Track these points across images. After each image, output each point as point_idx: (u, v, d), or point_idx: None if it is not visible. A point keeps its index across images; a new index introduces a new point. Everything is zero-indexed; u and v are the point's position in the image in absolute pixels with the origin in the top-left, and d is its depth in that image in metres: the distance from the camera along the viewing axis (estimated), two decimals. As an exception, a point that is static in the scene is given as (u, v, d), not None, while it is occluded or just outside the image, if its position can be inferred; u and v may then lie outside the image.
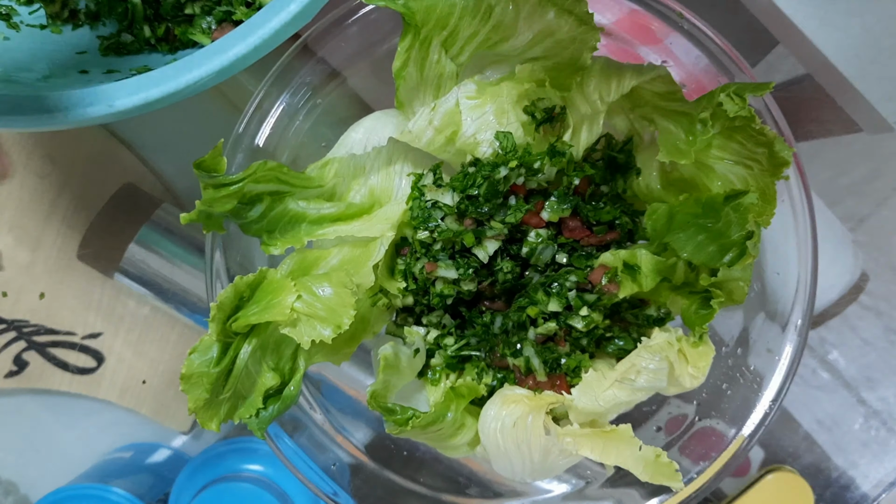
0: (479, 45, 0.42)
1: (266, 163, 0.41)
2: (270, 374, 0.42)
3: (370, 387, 0.43)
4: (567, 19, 0.41)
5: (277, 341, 0.42)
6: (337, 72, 0.50)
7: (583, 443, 0.41)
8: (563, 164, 0.45)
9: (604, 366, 0.46)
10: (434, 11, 0.39)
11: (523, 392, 0.44)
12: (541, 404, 0.43)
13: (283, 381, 0.42)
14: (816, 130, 0.59)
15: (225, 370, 0.40)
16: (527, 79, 0.43)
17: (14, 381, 0.67)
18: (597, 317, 0.44)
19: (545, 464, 0.44)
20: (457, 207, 0.44)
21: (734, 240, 0.40)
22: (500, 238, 0.45)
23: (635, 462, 0.41)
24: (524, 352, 0.45)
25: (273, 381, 0.42)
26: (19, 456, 0.70)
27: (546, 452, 0.43)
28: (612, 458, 0.42)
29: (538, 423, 0.42)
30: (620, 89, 0.43)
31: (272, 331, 0.42)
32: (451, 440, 0.46)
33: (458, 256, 0.45)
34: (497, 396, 0.45)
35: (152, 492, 0.64)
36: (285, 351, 0.43)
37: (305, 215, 0.44)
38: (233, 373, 0.40)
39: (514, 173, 0.44)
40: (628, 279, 0.44)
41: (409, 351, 0.47)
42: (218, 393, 0.40)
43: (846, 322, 0.64)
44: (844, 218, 0.63)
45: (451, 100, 0.43)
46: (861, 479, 0.65)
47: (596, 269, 0.45)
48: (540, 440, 0.42)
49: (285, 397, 0.42)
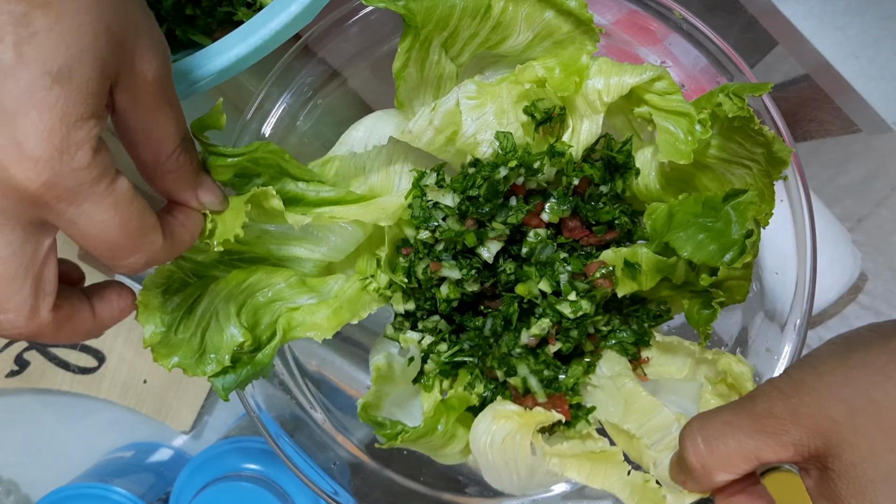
0: (479, 45, 0.42)
1: (269, 144, 0.41)
2: (239, 331, 0.40)
3: (362, 399, 0.43)
4: (566, 20, 0.42)
5: (257, 306, 0.42)
6: (337, 72, 0.50)
7: (569, 465, 0.41)
8: (562, 164, 0.45)
9: (616, 366, 0.46)
10: (434, 12, 0.39)
11: (514, 408, 0.44)
12: (530, 422, 0.43)
13: (258, 347, 0.42)
14: (815, 130, 0.59)
15: (183, 302, 0.39)
16: (527, 79, 0.43)
17: (15, 381, 0.67)
18: (586, 305, 0.44)
19: (531, 481, 0.44)
20: (458, 208, 0.44)
21: (734, 238, 0.40)
22: (503, 239, 0.45)
23: (622, 487, 0.41)
24: (519, 371, 0.45)
25: (243, 339, 0.40)
26: (20, 455, 0.70)
27: (532, 471, 0.43)
28: (599, 481, 0.42)
29: (525, 442, 0.42)
30: (619, 89, 0.43)
31: (245, 284, 0.41)
32: (442, 450, 0.46)
33: (460, 257, 0.45)
34: (489, 410, 0.45)
35: (153, 491, 0.65)
36: (263, 318, 0.43)
37: (304, 196, 0.43)
38: (194, 311, 0.39)
39: (513, 173, 0.44)
40: (628, 277, 0.44)
41: (403, 360, 0.47)
42: (176, 329, 0.39)
43: (845, 322, 0.64)
44: (843, 218, 0.63)
45: (451, 100, 0.43)
46: (860, 479, 0.65)
47: (593, 263, 0.45)
48: (527, 459, 0.43)
49: (257, 362, 0.41)
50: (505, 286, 0.46)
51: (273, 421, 0.49)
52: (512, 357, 0.45)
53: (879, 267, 0.65)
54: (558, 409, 0.44)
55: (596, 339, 0.47)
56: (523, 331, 0.45)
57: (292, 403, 0.51)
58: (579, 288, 0.44)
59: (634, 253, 0.44)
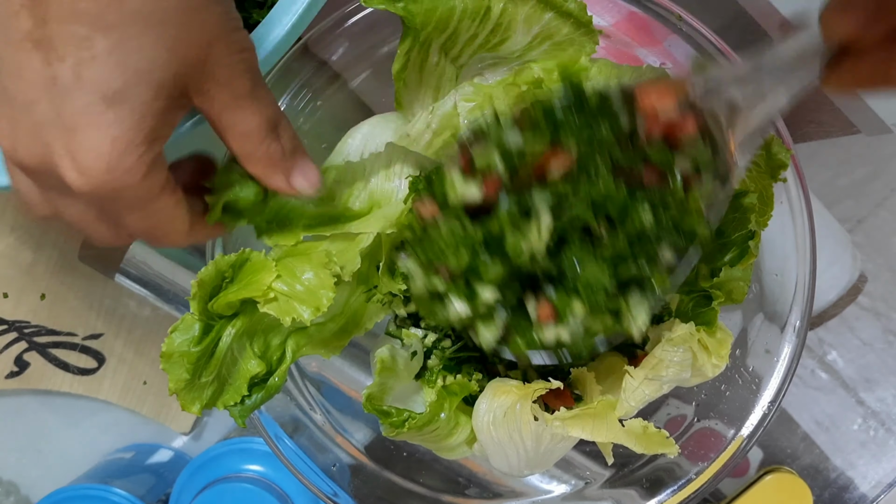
0: (478, 47, 0.42)
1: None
2: (255, 362, 0.41)
3: (366, 389, 0.43)
4: (566, 21, 0.42)
5: (265, 329, 0.42)
6: (337, 74, 0.50)
7: (572, 424, 0.41)
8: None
9: (616, 362, 0.46)
10: (434, 14, 0.39)
11: (513, 382, 0.44)
12: (528, 392, 0.43)
13: (269, 370, 0.42)
14: (815, 132, 0.59)
15: (207, 350, 0.39)
16: (524, 81, 0.43)
17: (15, 382, 0.67)
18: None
19: (538, 451, 0.44)
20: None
21: (734, 239, 0.40)
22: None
23: (626, 437, 0.41)
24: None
25: (258, 369, 0.41)
26: (20, 456, 0.70)
27: (538, 439, 0.43)
28: (603, 434, 0.41)
29: (526, 409, 0.42)
30: (618, 89, 0.43)
31: (259, 317, 0.41)
32: (447, 440, 0.46)
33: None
34: (488, 389, 0.45)
35: (153, 492, 0.65)
36: (273, 340, 0.43)
37: (303, 212, 0.43)
38: (215, 355, 0.40)
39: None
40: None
41: (406, 353, 0.47)
42: (199, 374, 0.39)
43: (845, 323, 0.64)
44: (843, 219, 0.63)
45: (448, 103, 0.43)
46: (860, 480, 0.65)
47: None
48: (530, 427, 0.42)
49: (269, 387, 0.42)
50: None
51: (273, 422, 0.49)
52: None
53: (879, 268, 0.65)
54: (562, 401, 0.45)
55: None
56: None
57: (292, 405, 0.51)
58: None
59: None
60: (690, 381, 0.44)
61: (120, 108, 0.30)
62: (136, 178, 0.31)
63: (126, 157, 0.30)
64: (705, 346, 0.42)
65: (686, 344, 0.41)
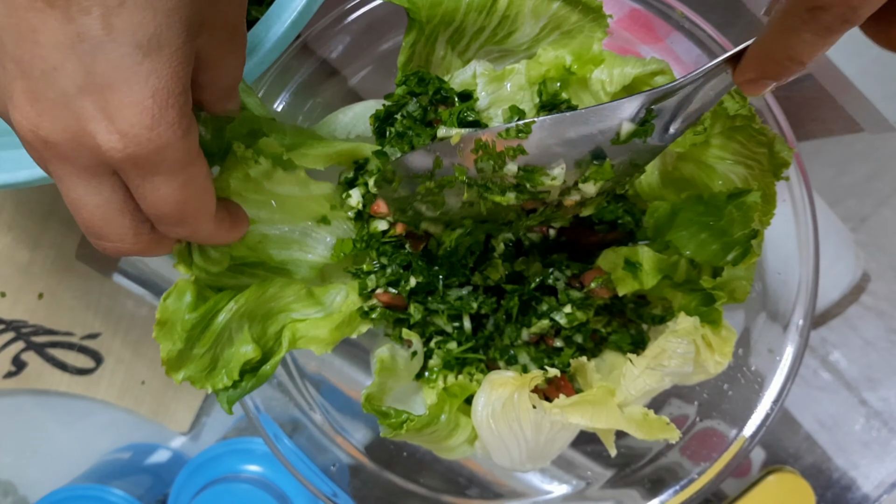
0: (486, 40, 0.42)
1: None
2: (251, 347, 0.40)
3: (366, 389, 0.43)
4: (574, 9, 0.42)
5: (265, 315, 0.42)
6: (336, 70, 0.50)
7: (571, 411, 0.41)
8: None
9: (618, 359, 0.46)
10: (440, 7, 0.39)
11: (510, 374, 0.44)
12: (525, 381, 0.43)
13: (263, 358, 0.42)
14: (818, 130, 0.59)
15: (202, 320, 0.38)
16: (548, 63, 0.43)
17: (13, 382, 0.67)
18: (581, 315, 0.44)
19: (539, 441, 0.43)
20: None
21: (737, 238, 0.39)
22: (509, 241, 0.46)
23: (626, 423, 0.41)
24: (520, 359, 0.45)
25: (253, 354, 0.40)
26: (18, 457, 0.70)
27: (538, 428, 0.43)
28: (602, 421, 0.41)
29: (525, 398, 0.42)
30: (622, 79, 0.43)
31: (262, 301, 0.41)
32: (446, 441, 0.45)
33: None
34: (485, 383, 0.44)
35: (151, 492, 0.64)
36: (270, 328, 0.42)
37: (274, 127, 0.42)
38: (211, 328, 0.39)
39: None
40: (629, 276, 0.44)
41: (406, 353, 0.47)
42: (193, 345, 0.38)
43: (847, 322, 0.64)
44: (846, 218, 0.63)
45: (468, 71, 0.42)
46: (862, 480, 0.65)
47: (589, 272, 0.44)
48: (529, 415, 0.42)
49: (261, 375, 0.41)
50: (508, 278, 0.46)
51: (272, 422, 0.49)
52: (513, 347, 0.45)
53: (882, 267, 0.64)
54: (562, 391, 0.45)
55: (596, 338, 0.47)
56: (523, 330, 0.45)
57: (291, 405, 0.50)
58: (574, 298, 0.44)
59: (635, 252, 0.43)
60: (692, 377, 0.44)
61: (157, 57, 0.27)
62: (179, 133, 0.29)
63: (169, 111, 0.28)
64: (709, 343, 0.42)
65: (690, 337, 0.41)
